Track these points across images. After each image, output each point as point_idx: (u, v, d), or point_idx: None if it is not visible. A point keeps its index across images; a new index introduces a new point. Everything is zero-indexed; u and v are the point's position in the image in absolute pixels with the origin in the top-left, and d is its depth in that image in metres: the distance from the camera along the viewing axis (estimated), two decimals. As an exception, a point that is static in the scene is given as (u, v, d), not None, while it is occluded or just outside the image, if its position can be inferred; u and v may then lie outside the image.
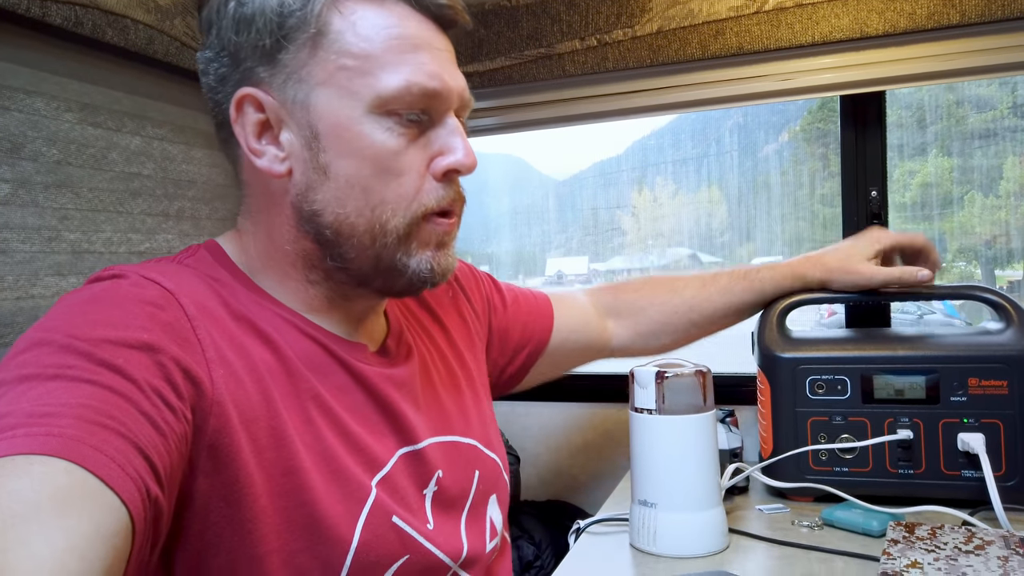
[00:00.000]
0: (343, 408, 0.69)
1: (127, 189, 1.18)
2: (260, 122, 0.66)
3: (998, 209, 1.95)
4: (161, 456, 0.51)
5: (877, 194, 1.31)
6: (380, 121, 0.64)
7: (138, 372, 0.52)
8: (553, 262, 2.74)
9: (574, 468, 1.50)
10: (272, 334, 0.67)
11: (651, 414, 0.88)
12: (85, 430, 0.46)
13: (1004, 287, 2.13)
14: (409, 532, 0.69)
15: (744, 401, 1.28)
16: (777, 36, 1.23)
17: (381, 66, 0.64)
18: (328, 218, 0.66)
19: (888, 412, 1.01)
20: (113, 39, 1.08)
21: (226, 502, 0.59)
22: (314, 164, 0.65)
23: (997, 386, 0.97)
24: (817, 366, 1.04)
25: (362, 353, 0.73)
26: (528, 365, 1.03)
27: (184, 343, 0.58)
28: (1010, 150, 1.84)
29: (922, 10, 1.16)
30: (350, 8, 0.64)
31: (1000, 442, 0.96)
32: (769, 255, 2.31)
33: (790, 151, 2.12)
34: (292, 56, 0.64)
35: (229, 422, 0.59)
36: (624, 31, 1.28)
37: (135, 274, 0.62)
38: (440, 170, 0.67)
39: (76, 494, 0.43)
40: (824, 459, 1.03)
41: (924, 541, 0.80)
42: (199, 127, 1.33)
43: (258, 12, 0.63)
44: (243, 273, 0.70)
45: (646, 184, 2.57)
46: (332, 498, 0.64)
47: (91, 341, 0.52)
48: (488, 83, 1.38)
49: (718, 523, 0.89)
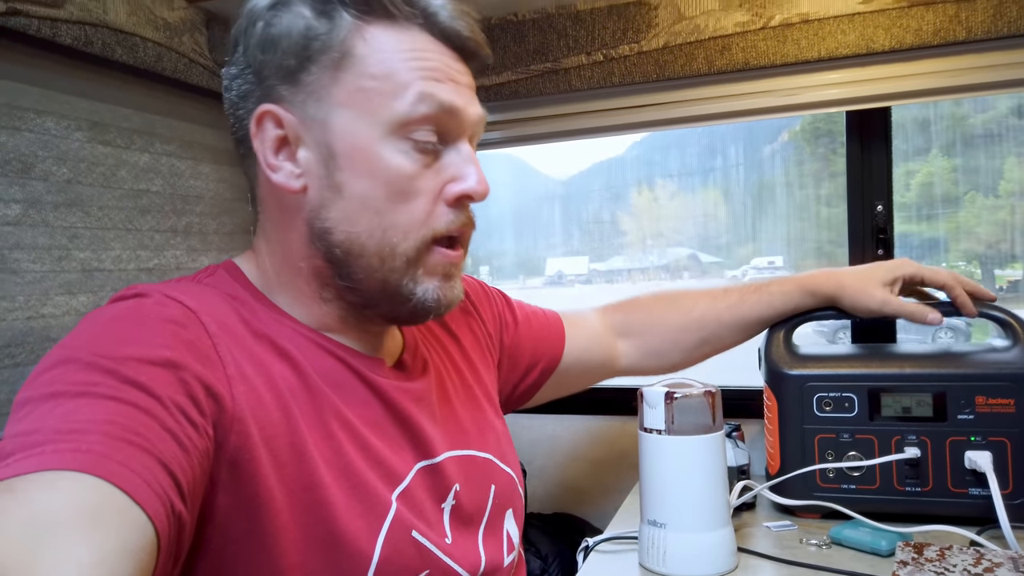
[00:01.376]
0: (362, 423, 0.70)
1: (136, 206, 1.18)
2: (279, 138, 0.67)
3: (998, 209, 1.95)
4: (184, 472, 0.51)
5: (883, 208, 1.31)
6: (397, 144, 0.66)
7: (161, 389, 0.53)
8: (553, 262, 2.75)
9: (581, 481, 1.50)
10: (292, 351, 0.67)
11: (661, 434, 0.89)
12: (112, 446, 0.47)
13: (1004, 287, 2.14)
14: (428, 547, 0.70)
15: (750, 415, 1.29)
16: (783, 52, 1.23)
17: (401, 87, 0.65)
18: (339, 236, 0.67)
19: (895, 429, 1.01)
20: (122, 57, 1.09)
21: (247, 517, 0.59)
22: (329, 182, 0.66)
23: (1004, 404, 0.97)
24: (825, 383, 1.04)
25: (380, 367, 0.74)
26: (540, 383, 1.04)
27: (205, 360, 0.59)
28: (1010, 151, 1.84)
29: (928, 27, 1.16)
30: (373, 35, 0.66)
31: (1007, 460, 0.97)
32: (769, 255, 2.31)
33: (790, 152, 2.12)
34: (315, 77, 0.65)
35: (250, 438, 0.60)
36: (630, 46, 1.29)
37: (158, 293, 0.63)
38: (452, 196, 0.68)
39: (104, 510, 0.44)
40: (832, 476, 1.03)
41: (933, 563, 0.80)
42: (206, 142, 1.33)
43: (284, 33, 0.65)
44: (260, 292, 0.71)
45: (646, 185, 2.58)
46: (352, 513, 0.65)
47: (116, 359, 0.53)
48: (495, 97, 1.38)
49: (728, 543, 0.89)
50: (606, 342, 1.11)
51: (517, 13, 1.32)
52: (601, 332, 1.11)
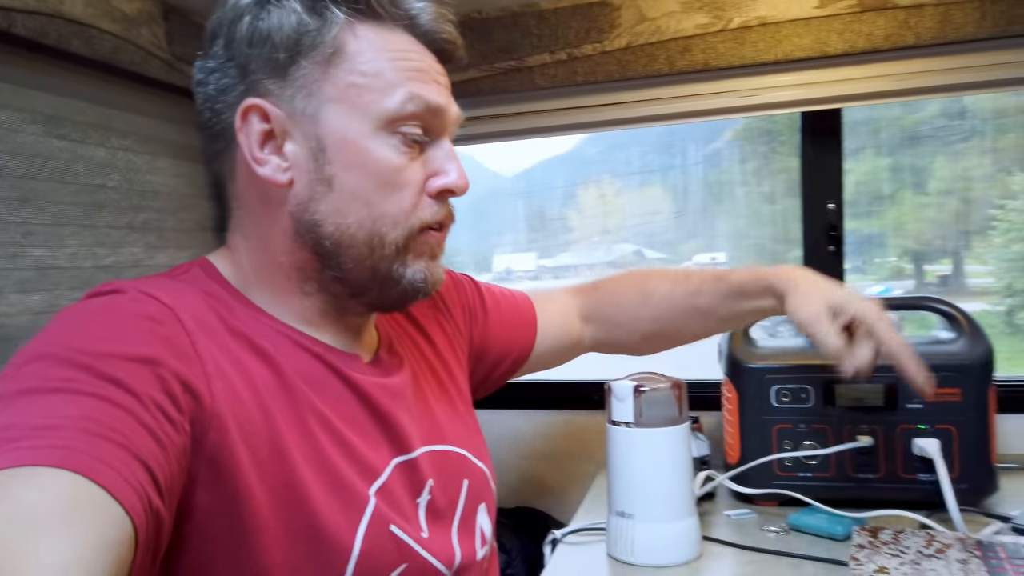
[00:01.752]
0: (340, 419, 0.70)
1: (92, 202, 1.15)
2: (264, 132, 0.67)
3: (929, 207, 2.03)
4: (162, 468, 0.51)
5: (834, 206, 1.36)
6: (386, 138, 0.68)
7: (139, 385, 0.53)
8: (501, 258, 2.76)
9: (542, 475, 1.52)
10: (269, 349, 0.68)
11: (629, 427, 0.91)
12: (89, 442, 0.47)
13: (934, 280, 2.23)
14: (406, 540, 0.70)
15: (707, 407, 1.32)
16: (741, 54, 1.26)
17: (388, 84, 0.67)
18: (329, 228, 0.68)
19: (849, 419, 1.05)
20: (79, 49, 1.06)
21: (227, 515, 0.59)
22: (319, 175, 0.67)
23: (951, 393, 1.02)
24: (782, 375, 1.08)
25: (357, 364, 0.74)
26: (512, 371, 1.04)
27: (183, 357, 0.59)
28: (939, 150, 1.92)
29: (880, 31, 1.21)
30: (363, 33, 0.67)
31: (953, 446, 1.02)
32: (713, 252, 2.36)
33: (734, 150, 2.17)
34: (305, 72, 0.66)
35: (228, 435, 0.60)
36: (593, 46, 1.31)
37: (133, 289, 0.62)
38: (435, 190, 0.71)
39: (81, 505, 0.44)
40: (789, 465, 1.07)
41: (888, 546, 0.84)
42: (164, 137, 1.31)
43: (275, 28, 0.65)
44: (236, 289, 0.71)
45: (593, 182, 2.60)
46: (332, 508, 0.65)
47: (92, 354, 0.53)
48: (459, 94, 1.36)
49: (693, 532, 0.92)
50: (574, 325, 1.11)
51: (482, 11, 1.33)
52: (572, 314, 1.11)
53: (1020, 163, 2.07)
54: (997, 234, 2.24)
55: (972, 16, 1.17)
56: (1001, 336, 2.40)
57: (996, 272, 2.35)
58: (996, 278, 2.36)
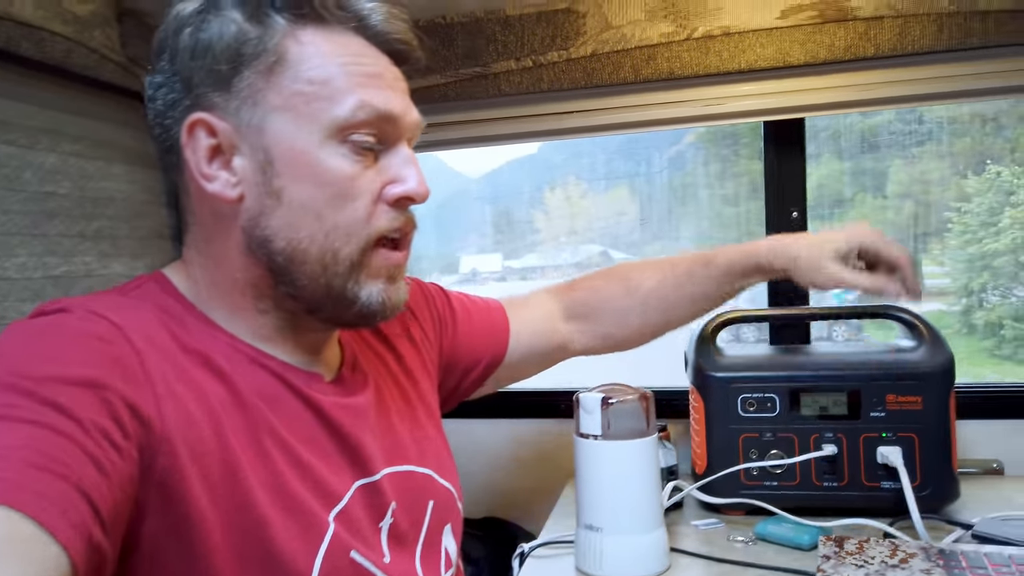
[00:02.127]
0: (298, 440, 0.68)
1: (42, 210, 1.11)
2: (212, 147, 0.65)
3: (886, 209, 2.08)
4: (104, 498, 0.50)
5: (798, 214, 1.37)
6: (336, 147, 0.65)
7: (82, 411, 0.51)
8: (468, 259, 2.75)
9: (510, 485, 1.51)
10: (224, 366, 0.65)
11: (597, 439, 0.90)
12: (26, 475, 0.45)
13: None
14: (367, 566, 0.69)
15: (675, 415, 1.32)
16: (706, 63, 1.27)
17: (337, 91, 0.65)
18: (280, 244, 0.66)
19: (814, 428, 1.06)
20: (28, 51, 1.02)
21: (177, 540, 0.57)
22: (267, 189, 0.65)
23: (912, 401, 1.04)
24: (748, 384, 1.08)
25: (317, 383, 0.72)
26: (482, 379, 1.03)
27: (131, 379, 0.57)
28: (896, 154, 1.96)
29: (840, 43, 1.22)
30: (307, 38, 0.65)
31: (915, 454, 1.03)
32: (675, 252, 2.38)
33: (696, 153, 2.19)
34: (248, 82, 0.64)
35: (179, 458, 0.58)
36: (559, 53, 1.30)
37: (81, 308, 0.60)
38: (392, 197, 0.68)
39: (15, 541, 0.43)
40: (755, 474, 1.07)
41: (854, 556, 0.85)
42: (118, 142, 1.27)
43: (215, 38, 0.64)
44: (192, 304, 0.69)
45: (559, 183, 2.61)
46: (289, 534, 0.63)
47: (34, 379, 0.51)
48: (422, 100, 1.35)
49: (661, 544, 0.92)
50: (555, 328, 1.09)
51: (446, 16, 1.31)
52: (553, 316, 1.09)
53: (975, 167, 2.12)
54: (953, 236, 2.29)
55: (929, 29, 1.19)
56: (958, 336, 2.46)
57: (952, 273, 2.41)
58: (952, 279, 2.42)
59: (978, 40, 1.18)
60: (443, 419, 0.93)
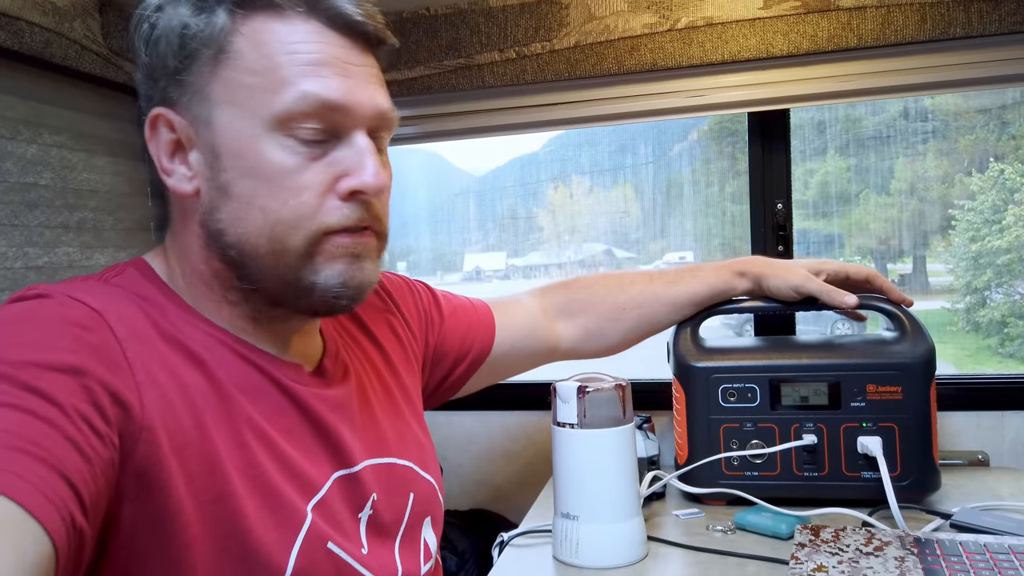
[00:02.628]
0: (277, 431, 0.68)
1: (23, 201, 1.11)
2: (173, 141, 0.66)
3: (889, 207, 2.07)
4: (86, 483, 0.49)
5: (783, 206, 1.37)
6: (278, 139, 0.63)
7: (63, 396, 0.51)
8: (471, 258, 2.75)
9: (496, 477, 1.51)
10: (204, 355, 0.65)
11: (573, 428, 0.90)
12: (7, 457, 0.45)
13: (896, 279, 2.28)
14: (344, 558, 0.68)
15: (661, 407, 1.32)
16: (689, 54, 1.27)
17: (280, 82, 0.63)
18: (231, 238, 0.65)
19: (794, 418, 1.06)
20: (6, 42, 1.02)
21: (154, 530, 0.57)
22: (216, 183, 0.64)
23: (893, 391, 1.03)
24: (729, 375, 1.08)
25: (297, 374, 0.72)
26: (466, 377, 1.03)
27: (112, 366, 0.56)
28: (900, 151, 1.95)
29: (823, 33, 1.22)
30: (253, 28, 0.63)
31: (896, 444, 1.02)
32: (680, 251, 2.38)
33: (698, 150, 2.19)
34: (195, 76, 0.64)
35: (159, 448, 0.57)
36: (542, 44, 1.30)
37: (60, 294, 0.60)
38: (343, 191, 0.65)
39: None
40: (736, 464, 1.07)
41: (829, 544, 0.85)
42: (101, 133, 1.26)
43: (163, 33, 0.64)
44: (172, 291, 0.68)
45: (562, 181, 2.61)
46: (266, 524, 0.63)
47: (14, 364, 0.51)
48: (406, 92, 1.37)
49: (638, 532, 0.91)
50: (543, 327, 1.10)
51: (429, 8, 1.31)
52: (538, 316, 1.10)
53: (978, 164, 2.12)
54: (956, 233, 2.29)
55: (912, 19, 1.18)
56: (962, 334, 2.46)
57: (956, 271, 2.41)
58: (956, 277, 2.42)
59: (961, 30, 1.17)
60: (432, 411, 0.93)
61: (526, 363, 1.11)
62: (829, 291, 1.06)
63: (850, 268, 1.09)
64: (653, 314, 1.12)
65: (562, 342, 1.12)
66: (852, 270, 1.09)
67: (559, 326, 1.12)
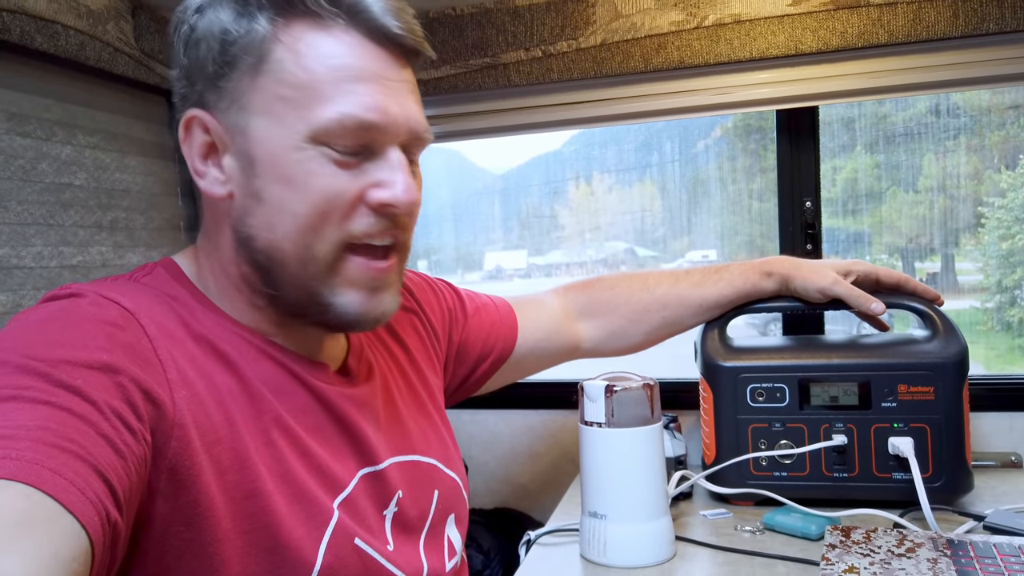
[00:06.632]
0: (304, 429, 0.68)
1: (58, 200, 1.13)
2: (207, 144, 0.66)
3: (918, 204, 2.04)
4: (120, 479, 0.50)
5: (811, 204, 1.36)
6: (313, 150, 0.63)
7: (97, 393, 0.52)
8: (492, 256, 2.75)
9: (521, 475, 1.51)
10: (232, 355, 0.66)
11: (601, 427, 0.90)
12: (44, 453, 0.46)
13: (924, 278, 2.24)
14: (371, 554, 0.69)
15: (687, 406, 1.31)
16: (716, 51, 1.26)
17: (318, 98, 0.62)
18: (260, 243, 0.66)
19: (824, 418, 1.05)
20: (42, 45, 1.04)
21: (186, 525, 0.58)
22: (249, 189, 0.65)
23: (925, 392, 1.02)
24: (757, 374, 1.07)
25: (323, 373, 0.73)
26: (488, 375, 1.04)
27: (145, 364, 0.57)
28: (929, 148, 1.93)
29: (853, 29, 1.21)
30: (295, 37, 0.63)
31: (927, 445, 1.01)
32: (703, 249, 2.37)
33: (723, 147, 2.17)
34: (234, 84, 0.64)
35: (190, 444, 0.58)
36: (568, 43, 1.30)
37: (93, 293, 0.61)
38: (374, 202, 0.66)
39: (35, 518, 0.43)
40: (764, 464, 1.06)
41: (860, 545, 0.84)
42: (133, 134, 1.28)
43: (203, 36, 0.64)
44: (201, 292, 0.69)
45: (584, 179, 2.60)
46: (294, 521, 0.64)
47: (49, 362, 0.51)
48: (433, 91, 1.37)
49: (666, 532, 0.91)
50: (565, 326, 1.10)
51: (456, 7, 1.31)
52: (559, 316, 1.11)
53: (1009, 161, 2.09)
54: (986, 231, 2.25)
55: (944, 14, 1.17)
56: (992, 333, 2.41)
57: (986, 269, 2.37)
58: (985, 275, 2.38)
59: (994, 25, 1.15)
60: (457, 410, 0.93)
61: (547, 362, 1.11)
62: (857, 296, 1.04)
63: (881, 272, 1.07)
64: (677, 316, 1.11)
65: (583, 342, 1.12)
66: (883, 274, 1.07)
67: (580, 326, 1.12)
